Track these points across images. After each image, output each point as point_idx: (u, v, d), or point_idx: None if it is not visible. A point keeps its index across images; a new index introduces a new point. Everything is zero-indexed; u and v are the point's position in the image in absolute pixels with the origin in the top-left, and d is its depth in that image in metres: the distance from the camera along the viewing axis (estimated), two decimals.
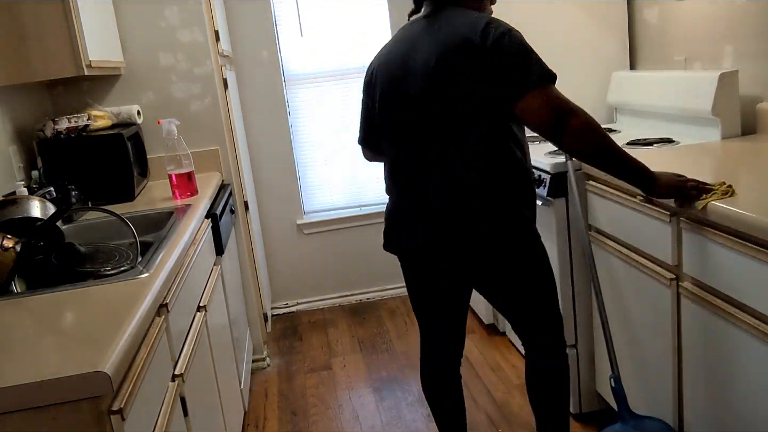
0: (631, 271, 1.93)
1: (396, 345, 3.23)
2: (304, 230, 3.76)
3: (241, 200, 3.03)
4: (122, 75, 2.80)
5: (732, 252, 1.45)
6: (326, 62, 3.62)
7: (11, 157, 2.27)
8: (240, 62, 3.52)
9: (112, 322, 1.22)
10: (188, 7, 2.77)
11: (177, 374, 1.51)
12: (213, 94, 2.87)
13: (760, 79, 2.22)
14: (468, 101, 1.58)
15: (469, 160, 1.61)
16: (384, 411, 2.64)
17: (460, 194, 1.63)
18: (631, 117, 2.75)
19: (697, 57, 2.52)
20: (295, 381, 2.98)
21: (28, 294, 1.46)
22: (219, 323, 2.20)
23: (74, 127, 2.42)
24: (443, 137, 1.62)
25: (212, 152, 2.91)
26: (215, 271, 2.28)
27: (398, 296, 3.85)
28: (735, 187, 1.53)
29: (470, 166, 1.61)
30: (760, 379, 1.42)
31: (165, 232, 1.90)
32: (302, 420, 2.64)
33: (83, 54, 2.16)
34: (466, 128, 1.60)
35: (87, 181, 2.37)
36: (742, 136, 2.24)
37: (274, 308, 3.81)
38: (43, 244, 1.67)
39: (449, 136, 1.61)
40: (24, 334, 1.22)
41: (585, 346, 2.34)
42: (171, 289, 1.58)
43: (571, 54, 2.89)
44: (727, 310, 1.50)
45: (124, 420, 1.08)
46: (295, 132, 3.68)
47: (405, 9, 3.76)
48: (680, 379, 1.77)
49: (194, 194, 2.41)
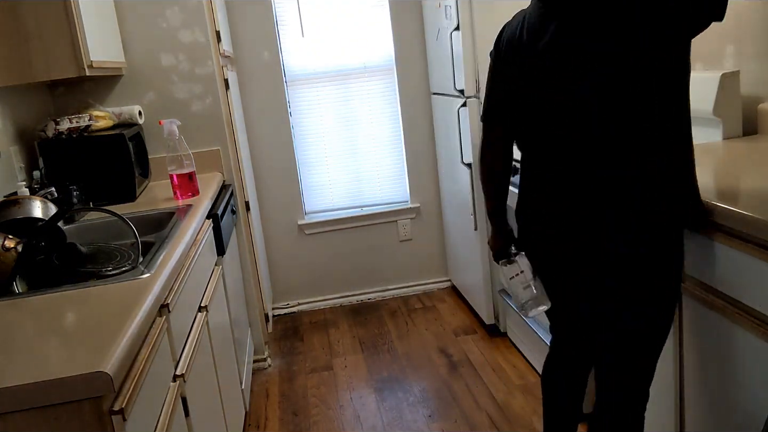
0: None
1: (397, 345, 3.23)
2: (305, 231, 3.76)
3: (242, 200, 3.03)
4: (124, 75, 2.80)
5: (734, 252, 1.45)
6: (327, 62, 3.62)
7: (13, 158, 2.28)
8: (241, 62, 3.52)
9: (114, 322, 1.22)
10: (189, 7, 2.78)
11: (178, 374, 1.51)
12: (214, 95, 2.88)
13: (761, 79, 2.21)
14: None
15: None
16: (385, 411, 2.64)
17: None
18: None
19: (698, 57, 2.52)
20: (296, 381, 2.98)
21: (29, 294, 1.46)
22: (220, 323, 2.20)
23: (76, 127, 2.42)
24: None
25: (213, 152, 2.91)
26: (216, 271, 2.28)
27: (399, 296, 3.85)
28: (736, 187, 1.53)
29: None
30: (762, 379, 1.42)
31: (166, 232, 1.90)
32: (303, 420, 2.64)
33: (84, 54, 2.16)
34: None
35: (88, 181, 2.37)
36: (744, 136, 2.23)
37: (275, 309, 3.82)
38: (45, 244, 1.67)
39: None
40: (25, 335, 1.23)
41: None
42: (172, 289, 1.58)
43: None
44: (728, 310, 1.50)
45: (125, 420, 1.08)
46: (296, 132, 3.68)
47: (405, 9, 3.78)
48: (681, 379, 1.77)
49: (195, 194, 2.41)
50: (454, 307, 3.62)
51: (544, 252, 1.68)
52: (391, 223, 3.80)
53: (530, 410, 2.50)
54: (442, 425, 2.49)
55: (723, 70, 2.21)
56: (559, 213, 1.58)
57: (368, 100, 3.70)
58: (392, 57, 3.65)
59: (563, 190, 1.56)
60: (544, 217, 1.62)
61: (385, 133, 3.73)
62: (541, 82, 1.52)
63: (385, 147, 3.75)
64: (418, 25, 3.61)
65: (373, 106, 3.71)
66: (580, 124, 1.49)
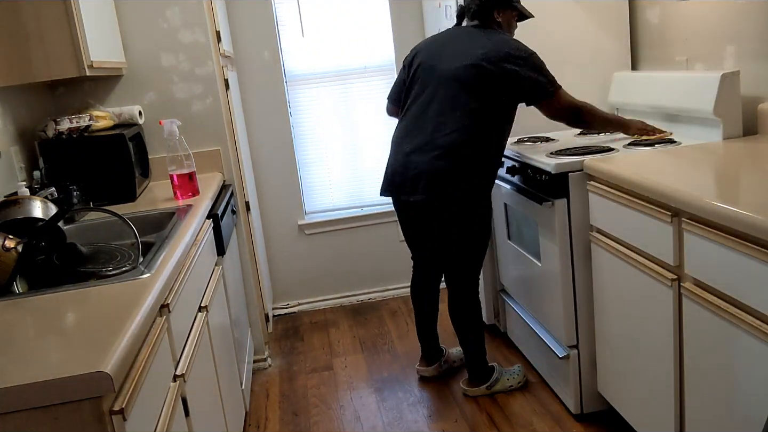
0: (633, 272, 1.93)
1: (397, 345, 3.23)
2: (305, 231, 3.77)
3: (242, 200, 3.03)
4: (124, 75, 2.80)
5: (734, 252, 1.45)
6: (328, 62, 3.62)
7: (13, 158, 2.28)
8: (241, 62, 3.52)
9: (114, 322, 1.22)
10: (189, 7, 2.78)
11: (178, 374, 1.51)
12: (214, 95, 2.88)
13: (761, 79, 2.22)
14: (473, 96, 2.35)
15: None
16: (385, 411, 2.64)
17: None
18: (633, 117, 2.75)
19: (698, 57, 2.52)
20: (296, 381, 2.98)
21: (29, 294, 1.46)
22: (220, 323, 2.20)
23: (76, 127, 2.42)
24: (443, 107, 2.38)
25: (214, 152, 2.91)
26: (216, 271, 2.28)
27: (399, 296, 3.85)
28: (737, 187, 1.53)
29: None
30: (763, 381, 1.42)
31: (166, 232, 1.90)
32: (303, 420, 2.64)
33: (85, 55, 2.16)
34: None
35: (89, 181, 2.37)
36: (744, 136, 2.24)
37: (276, 309, 3.82)
38: (45, 244, 1.67)
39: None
40: (25, 335, 1.23)
41: (586, 347, 2.34)
42: (172, 289, 1.58)
43: (572, 54, 2.90)
44: (728, 310, 1.49)
45: (125, 420, 1.08)
46: (296, 132, 3.68)
47: (405, 9, 3.77)
48: (682, 380, 1.77)
49: (196, 195, 2.41)
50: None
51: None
52: (391, 223, 3.80)
53: (530, 410, 2.50)
54: (442, 425, 2.49)
55: (723, 70, 2.21)
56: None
57: (368, 100, 3.70)
58: (392, 57, 3.65)
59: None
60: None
61: (385, 133, 3.73)
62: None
63: (385, 147, 3.74)
64: (418, 25, 3.61)
65: (373, 106, 3.71)
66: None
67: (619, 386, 2.14)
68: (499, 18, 2.43)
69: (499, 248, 2.98)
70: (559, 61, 2.85)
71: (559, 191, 2.24)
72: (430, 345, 2.83)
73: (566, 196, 2.23)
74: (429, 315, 2.80)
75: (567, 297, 2.30)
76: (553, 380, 2.57)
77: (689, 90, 2.34)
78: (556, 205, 2.25)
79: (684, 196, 1.61)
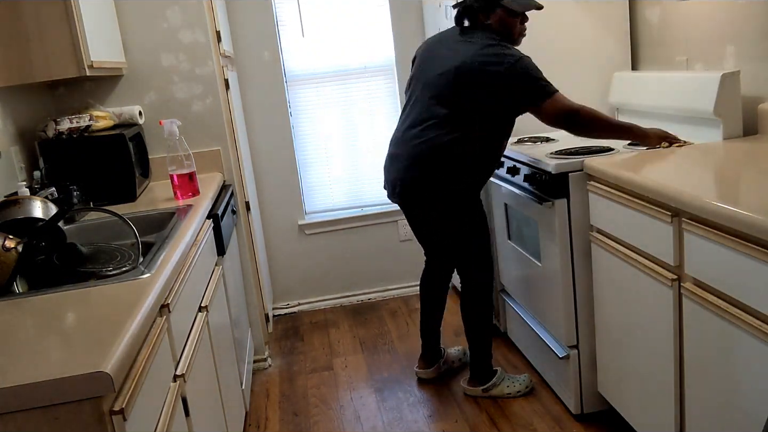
0: (633, 272, 1.93)
1: (397, 345, 3.23)
2: (305, 231, 3.77)
3: (242, 200, 3.03)
4: (124, 75, 2.80)
5: (734, 252, 1.45)
6: (328, 62, 3.62)
7: (13, 158, 2.28)
8: (241, 62, 3.52)
9: (114, 322, 1.22)
10: (190, 7, 2.78)
11: (178, 374, 1.51)
12: (214, 95, 2.88)
13: (761, 79, 2.21)
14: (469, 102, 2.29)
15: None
16: (385, 411, 2.64)
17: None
18: (633, 117, 2.75)
19: (698, 57, 2.52)
20: (296, 381, 2.98)
21: (29, 294, 1.46)
22: (220, 324, 2.20)
23: (76, 127, 2.42)
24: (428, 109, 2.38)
25: (214, 152, 2.91)
26: (217, 271, 2.28)
27: (400, 297, 3.85)
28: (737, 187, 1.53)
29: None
30: (763, 381, 1.42)
31: (166, 232, 1.90)
32: (303, 420, 2.64)
33: (85, 54, 2.16)
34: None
35: (89, 181, 2.37)
36: (744, 136, 2.23)
37: (276, 309, 3.82)
38: (45, 244, 1.67)
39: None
40: (26, 335, 1.23)
41: (586, 347, 2.34)
42: (172, 289, 1.58)
43: (572, 54, 2.89)
44: (729, 311, 1.49)
45: (125, 420, 1.08)
46: (296, 132, 3.68)
47: (405, 9, 3.77)
48: (682, 381, 1.77)
49: (196, 195, 2.41)
50: (455, 307, 3.61)
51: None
52: (391, 223, 3.80)
53: (530, 410, 2.50)
54: (442, 425, 2.49)
55: (723, 70, 2.21)
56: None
57: (368, 100, 3.70)
58: (392, 57, 3.65)
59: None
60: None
61: (385, 133, 3.73)
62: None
63: (385, 147, 3.73)
64: (419, 25, 3.61)
65: (373, 106, 3.71)
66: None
67: (619, 386, 2.14)
68: (488, 21, 2.34)
69: (499, 248, 2.98)
70: (559, 62, 2.85)
71: (560, 191, 2.24)
72: (431, 345, 2.83)
73: (566, 196, 2.23)
74: (433, 312, 2.81)
75: (567, 297, 2.31)
76: (553, 380, 2.57)
77: (689, 90, 2.34)
78: (556, 205, 2.25)
79: (684, 196, 1.61)
